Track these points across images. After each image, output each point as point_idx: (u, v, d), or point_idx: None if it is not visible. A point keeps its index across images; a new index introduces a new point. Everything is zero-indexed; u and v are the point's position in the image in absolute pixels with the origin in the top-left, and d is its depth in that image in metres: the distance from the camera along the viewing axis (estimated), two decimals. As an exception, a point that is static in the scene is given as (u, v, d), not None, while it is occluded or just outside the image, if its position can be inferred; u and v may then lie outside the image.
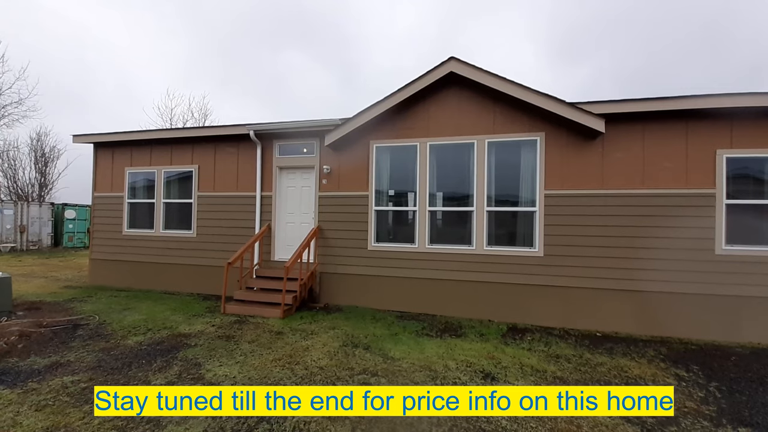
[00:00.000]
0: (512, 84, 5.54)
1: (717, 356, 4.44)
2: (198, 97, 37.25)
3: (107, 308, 6.04)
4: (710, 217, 5.18)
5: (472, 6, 57.24)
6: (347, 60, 60.08)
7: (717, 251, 5.14)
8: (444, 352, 4.31)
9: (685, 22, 45.10)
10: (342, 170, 6.74)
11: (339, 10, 57.07)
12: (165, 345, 4.34)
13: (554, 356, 4.34)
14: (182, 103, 25.87)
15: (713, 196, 5.18)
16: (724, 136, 5.20)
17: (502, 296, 5.85)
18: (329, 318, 5.70)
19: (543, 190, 5.72)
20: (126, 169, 8.15)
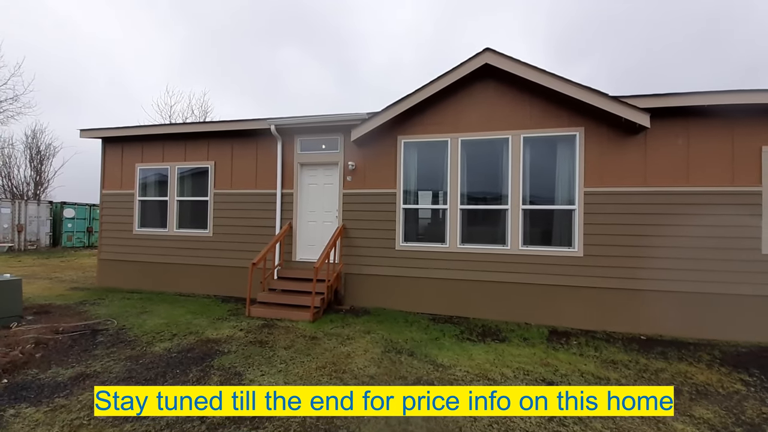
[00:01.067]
0: (552, 76, 5.31)
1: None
2: (198, 94, 36.50)
3: (123, 311, 5.71)
4: (756, 216, 5.01)
5: (469, 5, 57.10)
6: (344, 58, 59.64)
7: (764, 251, 4.97)
8: (494, 359, 4.08)
9: (683, 23, 45.35)
10: (367, 167, 6.47)
11: (336, 8, 56.61)
12: (196, 352, 4.04)
13: (610, 362, 4.13)
14: (181, 101, 25.40)
15: (759, 194, 5.01)
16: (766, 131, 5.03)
17: (538, 298, 5.63)
18: (360, 321, 5.44)
19: (582, 187, 5.51)
20: (137, 165, 7.79)
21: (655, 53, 45.30)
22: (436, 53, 57.91)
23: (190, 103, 27.85)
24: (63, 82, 38.65)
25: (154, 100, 39.41)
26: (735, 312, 5.01)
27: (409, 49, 59.55)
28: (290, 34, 57.16)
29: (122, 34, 40.18)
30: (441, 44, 59.87)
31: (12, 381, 3.27)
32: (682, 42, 44.77)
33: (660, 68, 43.72)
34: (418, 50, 58.70)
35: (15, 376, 3.37)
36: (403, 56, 58.74)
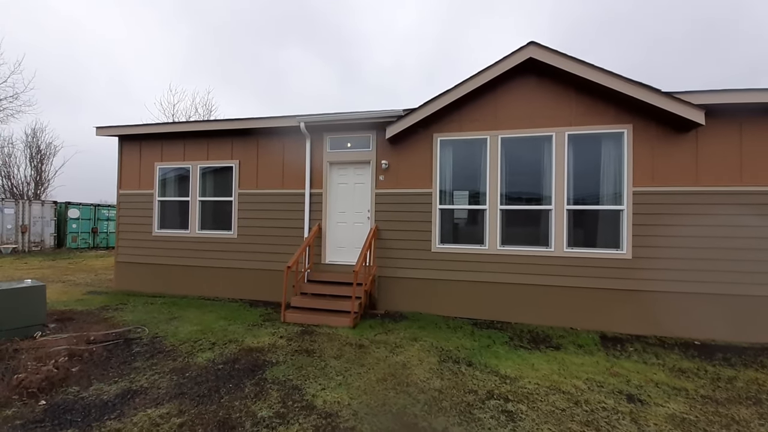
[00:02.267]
0: (601, 71, 5.09)
1: None
2: (202, 93, 35.93)
3: (150, 317, 5.45)
4: (816, 217, 4.84)
5: (473, 6, 56.68)
6: (347, 57, 59.15)
7: (825, 253, 4.80)
8: (558, 369, 3.86)
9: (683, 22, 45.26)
10: (401, 166, 6.23)
11: (339, 8, 56.04)
12: (242, 363, 3.79)
13: (678, 370, 3.93)
14: (184, 99, 24.96)
15: (820, 194, 4.83)
16: (831, 129, 4.84)
17: (584, 302, 5.43)
18: (401, 327, 5.21)
19: (631, 187, 5.30)
20: (156, 164, 7.50)
21: (656, 52, 45.28)
22: (439, 54, 57.50)
23: (194, 102, 27.41)
24: (62, 81, 38.08)
25: (156, 98, 38.75)
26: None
27: (412, 50, 59.15)
28: (292, 33, 56.54)
29: (124, 32, 39.67)
30: (445, 44, 59.46)
31: (51, 402, 3.00)
32: (682, 41, 44.69)
33: (662, 67, 43.73)
34: (421, 50, 58.30)
35: (54, 395, 3.10)
36: (406, 57, 58.35)
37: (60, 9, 36.86)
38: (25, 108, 18.91)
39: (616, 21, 51.03)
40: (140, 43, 40.05)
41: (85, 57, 40.38)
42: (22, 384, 3.15)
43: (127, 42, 39.49)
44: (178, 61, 40.38)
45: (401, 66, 56.14)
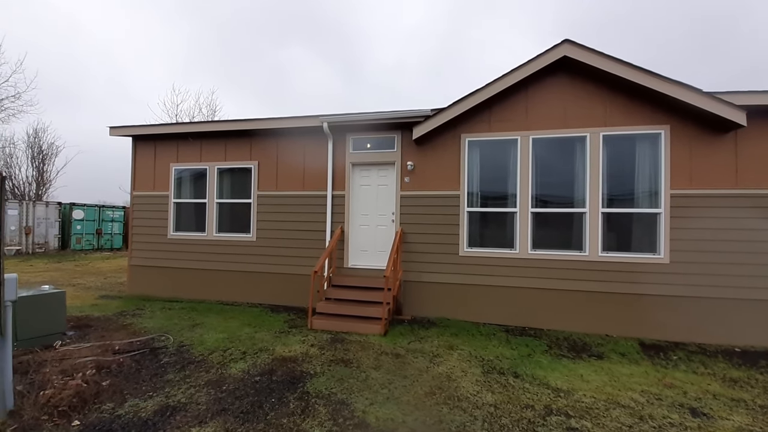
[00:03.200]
0: (638, 69, 4.94)
1: None
2: (206, 92, 35.66)
3: (171, 324, 5.26)
4: None
5: (476, 6, 56.40)
6: (349, 57, 58.80)
7: None
8: (609, 380, 3.70)
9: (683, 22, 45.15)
10: (427, 167, 6.07)
11: (341, 6, 55.70)
12: (279, 375, 3.61)
13: (729, 380, 3.78)
14: (188, 99, 24.73)
15: None
16: None
17: (619, 308, 5.27)
18: (432, 334, 5.04)
19: (669, 189, 5.16)
20: (171, 165, 7.31)
21: (658, 52, 45.28)
22: (442, 52, 57.20)
23: (198, 101, 27.15)
24: (63, 81, 37.73)
25: (159, 98, 38.23)
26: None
27: (415, 49, 58.81)
28: (294, 31, 56.09)
29: (124, 30, 39.31)
30: (448, 42, 59.10)
31: (86, 421, 2.79)
32: (682, 40, 44.51)
33: (663, 67, 43.80)
34: (423, 49, 58.01)
35: (87, 414, 2.89)
36: (409, 56, 58.03)
37: (60, 5, 36.54)
38: (27, 108, 18.71)
39: (615, 22, 50.94)
40: (140, 41, 39.75)
41: (85, 55, 40.04)
42: (51, 402, 2.95)
43: (127, 40, 39.18)
44: (178, 60, 40.14)
45: (404, 65, 55.91)
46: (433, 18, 56.58)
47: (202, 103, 26.00)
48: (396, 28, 54.30)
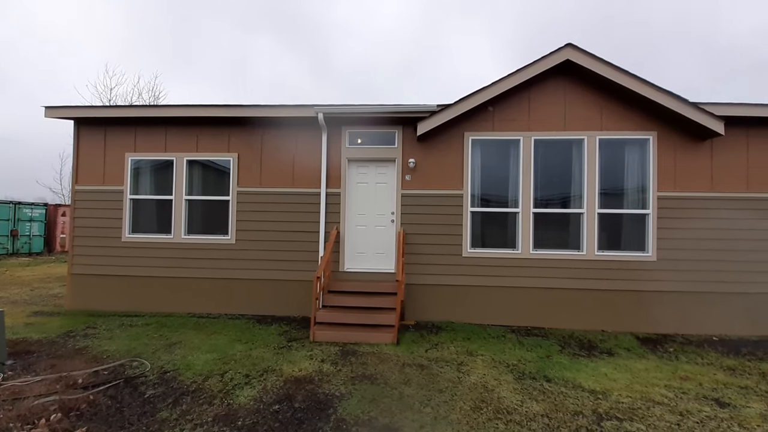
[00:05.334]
0: (635, 77, 5.19)
1: None
2: (148, 76, 31.41)
3: (140, 345, 4.38)
4: (805, 221, 5.42)
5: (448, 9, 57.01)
6: (316, 50, 56.16)
7: (813, 253, 5.39)
8: (632, 378, 3.76)
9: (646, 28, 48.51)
10: (430, 165, 5.84)
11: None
12: (300, 401, 3.10)
13: (727, 369, 4.08)
14: (125, 82, 21.80)
15: (809, 201, 5.42)
16: (815, 143, 5.46)
17: (612, 304, 5.51)
18: (445, 339, 4.81)
19: (656, 191, 5.51)
20: (127, 155, 6.20)
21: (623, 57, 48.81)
22: (414, 51, 57.07)
23: (137, 86, 24.02)
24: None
25: (90, 81, 32.50)
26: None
27: (387, 46, 58.02)
28: (259, 17, 51.53)
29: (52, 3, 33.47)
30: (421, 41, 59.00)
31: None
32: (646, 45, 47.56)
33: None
34: (396, 46, 57.50)
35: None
36: (381, 53, 57.09)
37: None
38: None
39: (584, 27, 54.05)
40: (71, 16, 34.16)
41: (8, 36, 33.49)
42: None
43: (55, 13, 33.41)
44: (116, 39, 35.17)
45: (375, 63, 54.81)
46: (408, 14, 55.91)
47: (142, 87, 23.09)
48: (370, 24, 52.86)
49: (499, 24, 52.33)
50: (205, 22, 42.72)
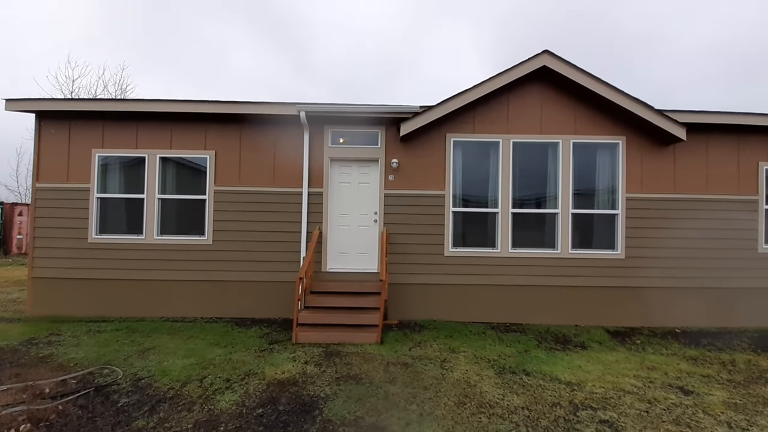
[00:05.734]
0: (607, 85, 5.48)
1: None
2: (114, 67, 29.52)
3: (110, 352, 4.15)
4: (754, 221, 5.90)
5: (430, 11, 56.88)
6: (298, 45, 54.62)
7: (759, 250, 5.88)
8: (604, 369, 3.97)
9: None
10: (412, 165, 5.89)
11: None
12: (285, 403, 3.05)
13: (691, 359, 4.37)
14: (89, 74, 20.57)
15: (756, 202, 5.91)
16: (762, 150, 5.96)
17: (585, 300, 5.78)
18: (428, 338, 4.87)
19: (625, 193, 5.82)
20: (94, 151, 5.85)
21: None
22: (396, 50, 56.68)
23: (102, 77, 22.71)
24: None
25: (50, 71, 29.83)
26: (737, 303, 5.80)
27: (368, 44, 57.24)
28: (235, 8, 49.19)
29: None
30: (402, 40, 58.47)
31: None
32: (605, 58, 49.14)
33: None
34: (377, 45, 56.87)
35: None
36: (362, 51, 56.26)
37: None
38: None
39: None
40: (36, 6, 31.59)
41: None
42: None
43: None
44: (79, 27, 32.84)
45: (357, 59, 53.92)
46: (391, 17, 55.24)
47: (107, 79, 21.88)
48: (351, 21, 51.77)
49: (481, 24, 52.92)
50: (179, 13, 40.85)
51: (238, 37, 45.17)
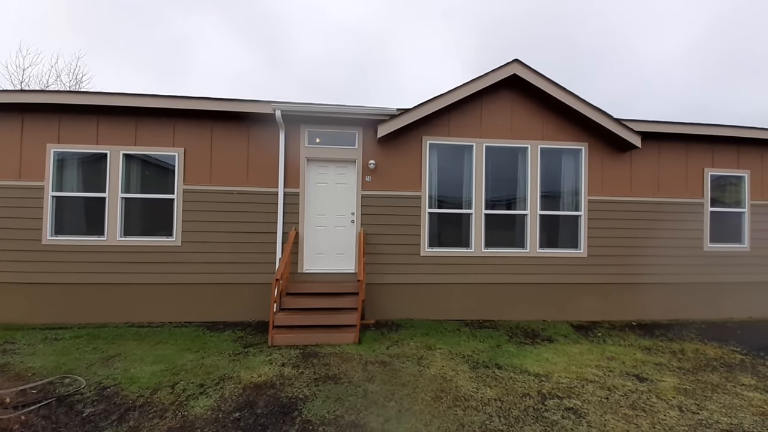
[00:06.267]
0: (571, 94, 5.83)
1: (727, 329, 5.58)
2: (68, 56, 27.14)
3: (70, 360, 3.90)
4: (700, 221, 6.49)
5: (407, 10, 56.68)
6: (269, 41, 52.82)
7: (705, 248, 6.47)
8: (569, 360, 4.23)
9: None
10: (390, 167, 5.97)
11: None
12: (262, 406, 3.01)
13: (645, 348, 4.74)
14: (41, 62, 19.01)
15: (702, 205, 6.50)
16: (706, 157, 6.57)
17: (552, 296, 6.11)
18: (405, 336, 4.96)
19: (587, 196, 6.22)
20: (49, 146, 5.45)
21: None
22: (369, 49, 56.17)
23: (55, 66, 20.99)
24: None
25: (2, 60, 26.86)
26: (683, 297, 6.37)
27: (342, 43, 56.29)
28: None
29: None
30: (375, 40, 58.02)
31: None
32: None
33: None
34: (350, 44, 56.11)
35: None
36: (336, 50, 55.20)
37: None
38: None
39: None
40: None
41: None
42: None
43: None
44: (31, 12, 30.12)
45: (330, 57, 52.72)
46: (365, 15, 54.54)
47: (61, 69, 20.31)
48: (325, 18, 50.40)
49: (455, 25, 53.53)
50: (141, 1, 38.48)
51: (203, 28, 43.02)
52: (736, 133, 6.35)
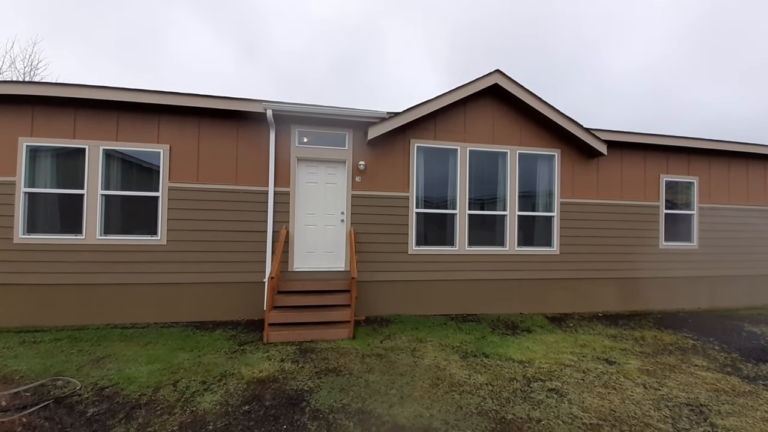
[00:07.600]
0: (545, 104, 6.31)
1: (680, 319, 6.29)
2: (24, 42, 24.81)
3: (57, 362, 3.75)
4: (656, 222, 7.23)
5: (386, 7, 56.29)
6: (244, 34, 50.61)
7: (660, 246, 7.22)
8: (547, 348, 4.63)
9: None
10: (378, 168, 6.16)
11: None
12: (270, 399, 3.11)
13: (612, 336, 5.26)
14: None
15: (658, 207, 7.24)
16: (662, 164, 7.33)
17: (528, 291, 6.57)
18: (396, 331, 5.17)
19: (559, 198, 6.74)
20: (21, 140, 5.15)
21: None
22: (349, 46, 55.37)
23: (9, 53, 19.20)
24: None
25: None
26: (642, 290, 7.08)
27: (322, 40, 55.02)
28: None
29: None
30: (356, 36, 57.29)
31: None
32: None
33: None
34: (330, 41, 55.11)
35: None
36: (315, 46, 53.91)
37: None
38: None
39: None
40: None
41: None
42: None
43: None
44: None
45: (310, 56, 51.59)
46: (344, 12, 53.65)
47: (16, 55, 18.68)
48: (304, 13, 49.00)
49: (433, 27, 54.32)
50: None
51: (176, 18, 40.95)
52: (687, 143, 7.14)
